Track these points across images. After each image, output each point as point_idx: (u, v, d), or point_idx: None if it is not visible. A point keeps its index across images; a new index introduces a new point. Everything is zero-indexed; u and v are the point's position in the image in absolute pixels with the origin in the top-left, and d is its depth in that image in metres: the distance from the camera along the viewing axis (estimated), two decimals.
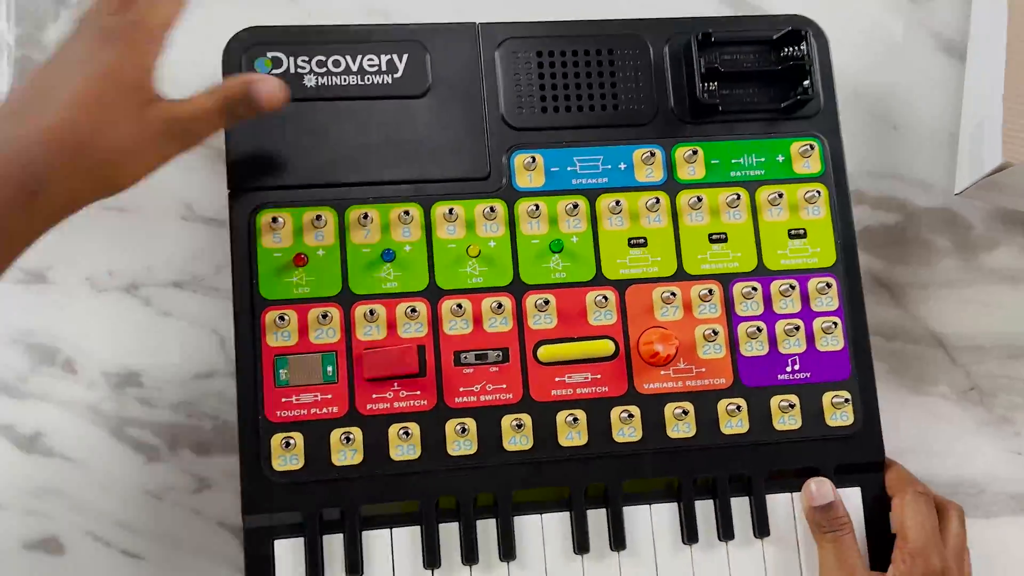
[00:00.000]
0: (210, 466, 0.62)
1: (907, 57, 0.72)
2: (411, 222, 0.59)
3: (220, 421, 0.61)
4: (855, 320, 0.62)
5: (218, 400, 0.62)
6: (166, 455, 0.61)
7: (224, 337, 0.62)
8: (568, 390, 0.59)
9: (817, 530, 0.58)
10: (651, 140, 0.62)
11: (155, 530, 0.61)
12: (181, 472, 0.61)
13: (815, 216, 0.62)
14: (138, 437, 0.62)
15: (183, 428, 0.62)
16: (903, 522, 0.57)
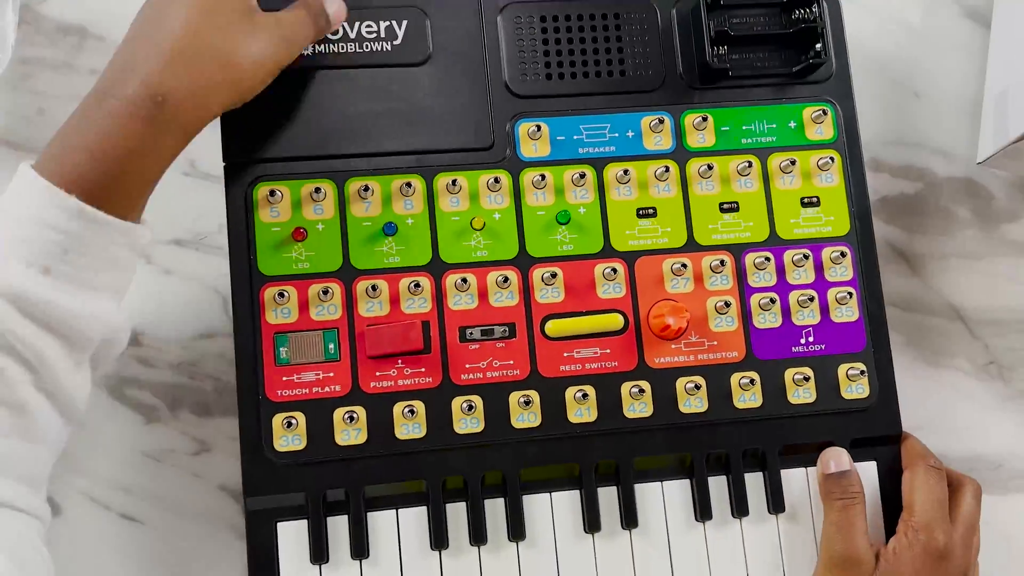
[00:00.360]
0: (211, 428, 0.60)
1: (930, 23, 0.70)
2: (413, 194, 0.57)
3: (222, 382, 0.60)
4: (870, 290, 0.60)
5: (220, 361, 0.60)
6: (166, 416, 0.60)
7: (227, 297, 0.60)
8: (577, 365, 0.57)
9: (827, 497, 0.57)
10: (659, 107, 0.60)
11: (154, 493, 0.60)
12: (181, 434, 0.60)
13: (829, 184, 0.61)
14: (137, 398, 0.60)
15: (184, 389, 0.60)
16: (911, 495, 0.56)
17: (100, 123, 0.48)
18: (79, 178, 0.47)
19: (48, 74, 0.62)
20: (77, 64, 0.64)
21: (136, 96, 0.48)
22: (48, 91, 0.61)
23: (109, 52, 0.50)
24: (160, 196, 0.60)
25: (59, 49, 0.54)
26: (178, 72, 0.48)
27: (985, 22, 0.70)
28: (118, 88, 0.48)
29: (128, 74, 0.48)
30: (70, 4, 0.64)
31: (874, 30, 0.68)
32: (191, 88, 0.49)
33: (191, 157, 0.62)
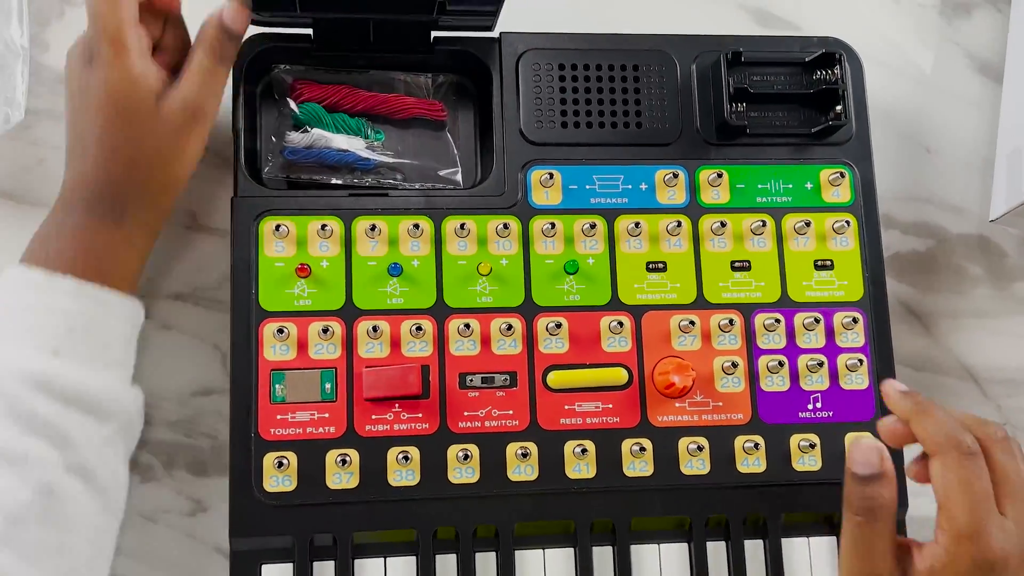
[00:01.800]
0: (207, 488, 0.58)
1: (941, 77, 0.69)
2: (420, 236, 0.57)
3: (219, 441, 0.58)
4: (882, 358, 0.59)
5: (217, 419, 0.59)
6: (161, 475, 0.58)
7: (226, 353, 0.58)
8: (577, 419, 0.56)
9: (847, 507, 0.47)
10: (674, 161, 0.60)
11: (148, 554, 0.57)
12: (176, 494, 0.58)
13: (843, 247, 0.60)
14: (134, 456, 0.58)
15: (180, 447, 0.59)
16: (946, 494, 0.45)
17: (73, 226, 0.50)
18: (68, 264, 0.49)
19: (48, 124, 0.61)
20: None
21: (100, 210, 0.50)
22: (48, 141, 0.61)
23: None
24: (160, 249, 0.60)
25: (60, 99, 0.53)
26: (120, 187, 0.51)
27: (997, 77, 0.69)
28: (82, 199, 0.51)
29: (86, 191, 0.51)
30: None
31: (883, 82, 0.67)
32: (141, 198, 0.51)
33: (191, 210, 0.61)
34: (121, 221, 0.51)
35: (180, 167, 0.53)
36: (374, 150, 0.59)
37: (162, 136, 0.51)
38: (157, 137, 0.51)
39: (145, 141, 0.51)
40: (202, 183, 0.60)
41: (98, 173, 0.51)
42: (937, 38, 0.70)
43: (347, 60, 0.60)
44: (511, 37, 0.60)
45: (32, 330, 0.48)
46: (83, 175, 0.51)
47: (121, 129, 0.50)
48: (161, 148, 0.51)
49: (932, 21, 0.70)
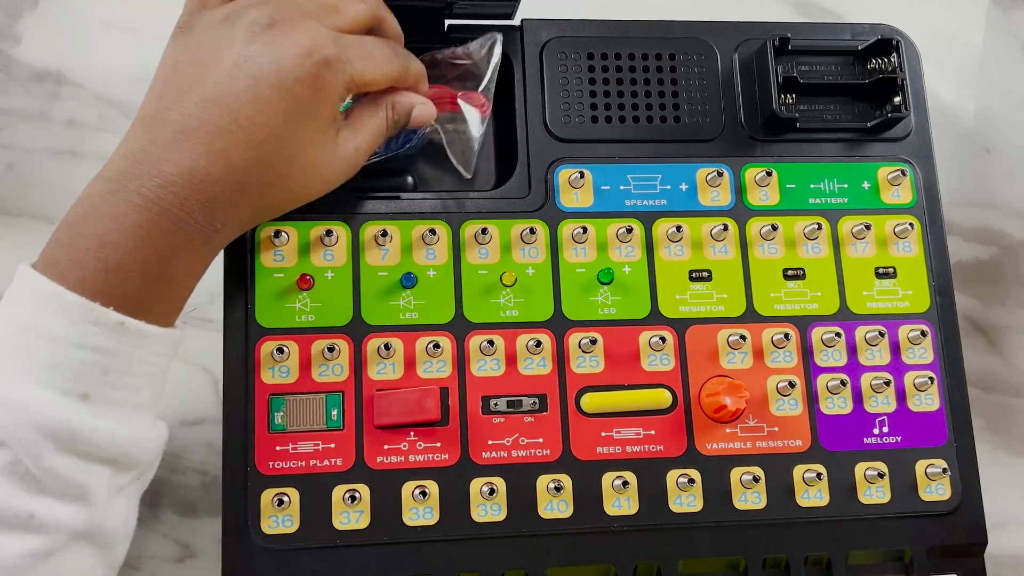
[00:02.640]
0: (196, 530, 0.52)
1: (996, 71, 0.64)
2: (436, 243, 0.51)
3: (209, 477, 0.52)
4: (953, 375, 0.53)
5: (208, 452, 0.53)
6: (146, 517, 0.52)
7: (218, 378, 0.52)
8: (616, 447, 0.49)
9: None
10: (718, 158, 0.54)
11: None
12: (162, 537, 0.52)
13: (906, 253, 0.54)
14: None
15: (166, 484, 0.52)
16: None
17: (133, 230, 0.39)
18: (108, 287, 0.39)
19: (21, 125, 0.55)
20: (52, 114, 0.57)
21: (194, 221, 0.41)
22: (20, 144, 0.55)
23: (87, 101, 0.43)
24: None
25: (33, 97, 0.47)
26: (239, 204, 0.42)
27: None
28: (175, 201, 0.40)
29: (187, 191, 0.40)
30: (47, 47, 0.57)
31: (935, 77, 0.62)
32: (244, 219, 0.43)
33: None
34: (211, 239, 0.42)
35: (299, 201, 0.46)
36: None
37: (325, 168, 0.45)
38: (320, 167, 0.45)
39: (310, 166, 0.44)
40: None
41: (230, 177, 0.41)
42: (992, 29, 0.64)
43: None
44: (534, 24, 0.54)
45: (59, 367, 0.38)
46: (199, 171, 0.40)
47: (295, 143, 0.43)
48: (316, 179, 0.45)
49: (986, 10, 0.65)
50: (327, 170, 0.46)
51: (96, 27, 0.53)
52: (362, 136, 0.47)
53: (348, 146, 0.46)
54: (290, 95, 0.42)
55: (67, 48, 0.57)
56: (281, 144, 0.42)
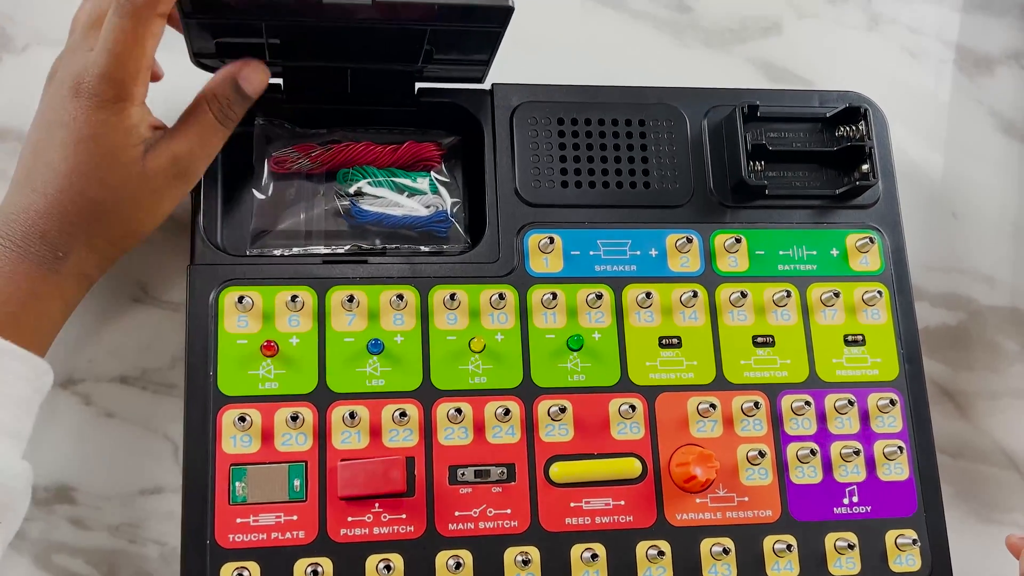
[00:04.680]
0: None
1: (964, 137, 0.65)
2: (404, 308, 0.50)
3: (168, 548, 0.50)
4: (922, 445, 0.52)
5: (168, 522, 0.50)
6: None
7: (179, 445, 0.51)
8: (585, 518, 0.49)
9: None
10: (687, 224, 0.54)
11: None
12: None
13: (875, 320, 0.54)
14: (68, 567, 0.50)
15: (123, 556, 0.50)
16: None
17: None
18: None
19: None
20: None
21: (36, 250, 0.44)
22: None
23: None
24: (104, 326, 0.53)
25: None
26: (72, 230, 0.45)
27: (1022, 137, 0.65)
28: (17, 235, 0.44)
29: (26, 226, 0.45)
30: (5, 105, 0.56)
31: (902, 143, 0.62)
32: (89, 244, 0.46)
33: (141, 280, 0.53)
34: (58, 268, 0.45)
35: (146, 223, 0.48)
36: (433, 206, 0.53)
37: (140, 189, 0.46)
38: (134, 189, 0.46)
39: (120, 190, 0.45)
40: (153, 250, 0.53)
41: (52, 209, 0.45)
42: (958, 94, 0.65)
43: (319, 111, 0.54)
44: (504, 89, 0.54)
45: None
46: (30, 207, 0.45)
47: (97, 172, 0.45)
48: (135, 200, 0.46)
49: (953, 78, 0.65)
50: (142, 185, 0.46)
51: None
52: (180, 142, 0.46)
53: (160, 158, 0.46)
54: (74, 130, 0.44)
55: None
56: (84, 172, 0.44)
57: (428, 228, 0.53)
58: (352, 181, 0.53)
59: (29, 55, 0.57)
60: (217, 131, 0.47)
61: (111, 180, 0.45)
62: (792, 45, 0.64)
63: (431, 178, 0.54)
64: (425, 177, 0.54)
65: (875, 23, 0.66)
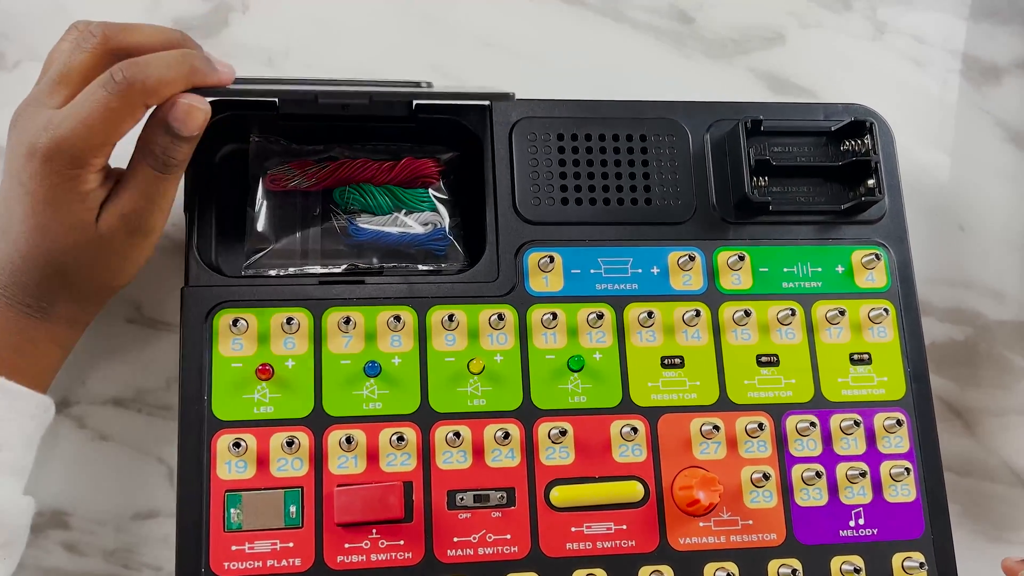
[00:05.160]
0: None
1: (970, 148, 0.64)
2: (402, 329, 0.49)
3: (164, 573, 0.50)
4: (929, 465, 0.52)
5: (163, 547, 0.50)
6: None
7: (173, 468, 0.50)
8: (587, 543, 0.48)
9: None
10: (689, 241, 0.53)
11: None
12: None
13: (881, 339, 0.53)
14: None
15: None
16: None
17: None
18: None
19: None
20: None
21: (21, 299, 0.44)
22: None
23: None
24: (98, 347, 0.52)
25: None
26: (47, 282, 0.45)
27: None
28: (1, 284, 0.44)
29: (9, 276, 0.44)
30: None
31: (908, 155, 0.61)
32: (68, 295, 0.46)
33: (136, 300, 0.53)
34: (46, 316, 0.45)
35: (117, 277, 0.47)
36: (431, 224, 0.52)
37: (99, 251, 0.45)
38: (93, 252, 0.45)
39: (81, 253, 0.44)
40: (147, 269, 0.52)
41: (27, 264, 0.44)
42: (965, 106, 0.64)
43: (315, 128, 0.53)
44: (503, 104, 0.53)
45: None
46: (9, 260, 0.44)
47: (55, 236, 0.44)
48: (97, 262, 0.45)
49: (959, 87, 0.64)
50: (101, 247, 0.44)
51: None
52: (126, 200, 0.44)
53: (111, 218, 0.44)
54: (30, 194, 0.43)
55: None
56: (44, 235, 0.43)
57: (426, 246, 0.52)
58: (349, 199, 0.52)
59: (21, 71, 0.56)
60: (160, 181, 0.45)
61: (68, 244, 0.44)
62: (795, 55, 0.63)
63: (429, 195, 0.53)
64: (423, 194, 0.53)
65: (880, 32, 0.65)
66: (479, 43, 0.60)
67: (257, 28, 0.59)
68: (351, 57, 0.59)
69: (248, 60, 0.58)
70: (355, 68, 0.59)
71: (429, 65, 0.60)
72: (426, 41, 0.60)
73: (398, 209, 0.52)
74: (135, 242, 0.45)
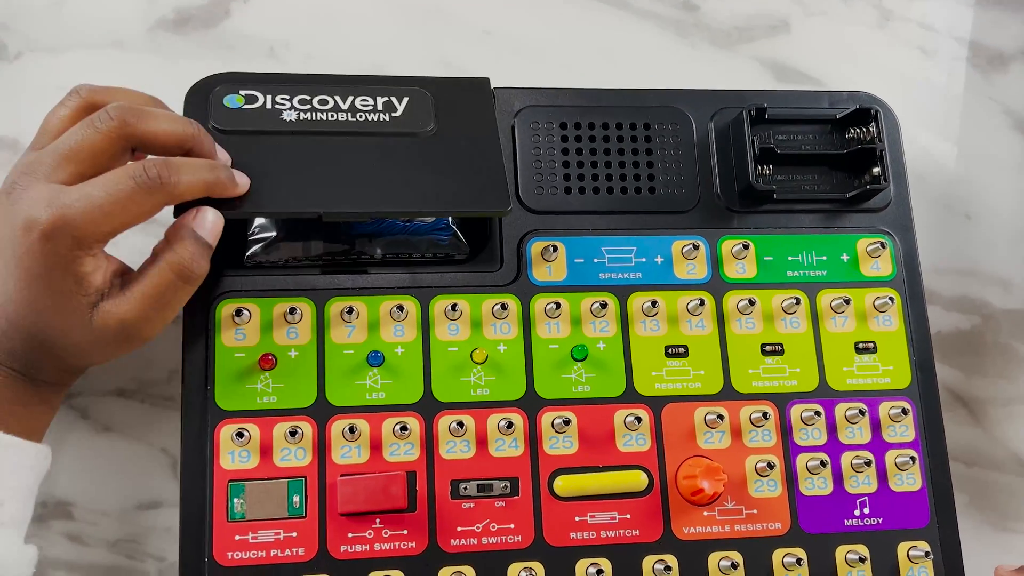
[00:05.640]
0: None
1: (977, 136, 0.63)
2: (405, 319, 0.49)
3: (167, 564, 0.50)
4: (935, 454, 0.51)
5: (166, 537, 0.50)
6: None
7: (177, 459, 0.50)
8: (590, 532, 0.48)
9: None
10: (693, 230, 0.52)
11: None
12: None
13: (887, 327, 0.52)
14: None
15: (122, 572, 0.50)
16: None
17: None
18: None
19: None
20: None
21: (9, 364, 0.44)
22: None
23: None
24: None
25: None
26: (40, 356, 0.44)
27: None
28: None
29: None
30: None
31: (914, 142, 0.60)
32: (57, 366, 0.45)
33: None
34: (35, 379, 0.45)
35: (104, 360, 0.46)
36: None
37: (85, 340, 0.43)
38: (79, 338, 0.43)
39: (68, 335, 0.43)
40: None
41: (13, 331, 0.43)
42: (971, 94, 0.64)
43: None
44: (506, 93, 0.53)
45: None
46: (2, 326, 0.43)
47: (44, 314, 0.42)
48: (82, 348, 0.44)
49: (965, 76, 0.64)
50: (88, 337, 0.43)
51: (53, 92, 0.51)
52: (134, 308, 0.43)
53: (109, 320, 0.42)
54: (23, 269, 0.41)
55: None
56: (34, 310, 0.42)
57: (429, 236, 0.52)
58: None
59: (22, 63, 0.56)
60: (180, 291, 0.44)
61: (57, 327, 0.42)
62: (801, 43, 0.63)
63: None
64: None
65: (886, 20, 0.65)
66: (481, 32, 0.60)
67: (258, 18, 0.59)
68: (353, 47, 0.59)
69: (249, 51, 0.58)
70: (357, 59, 0.59)
71: (430, 54, 0.60)
72: (427, 30, 0.60)
73: None
74: (126, 346, 0.44)
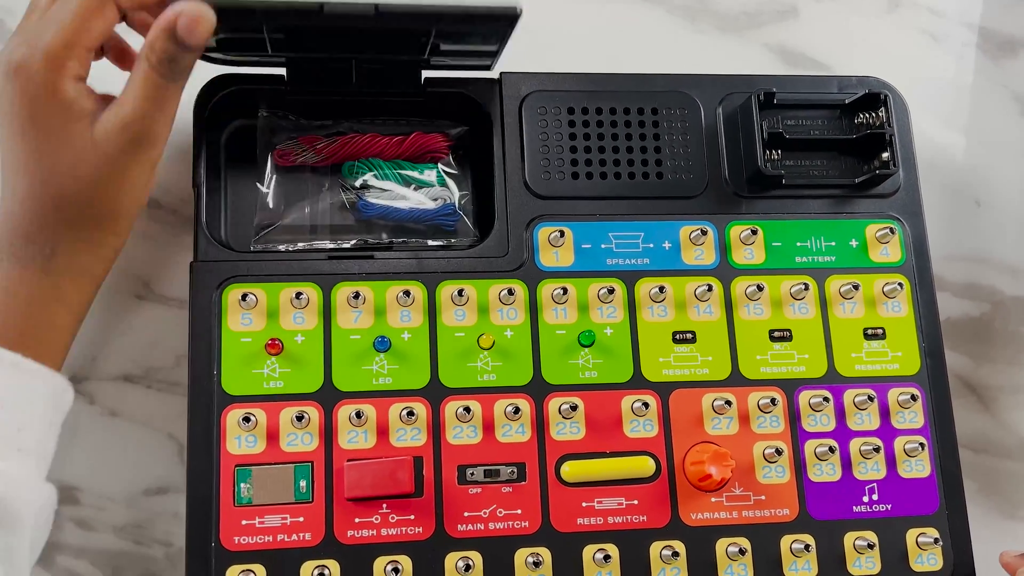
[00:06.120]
0: None
1: (987, 122, 0.63)
2: (411, 304, 0.49)
3: (174, 548, 0.50)
4: (944, 441, 0.51)
5: (173, 522, 0.50)
6: None
7: (184, 444, 0.50)
8: (598, 518, 0.48)
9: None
10: (702, 215, 0.52)
11: None
12: None
13: (895, 313, 0.52)
14: (72, 568, 0.49)
15: (129, 557, 0.50)
16: None
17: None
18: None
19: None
20: None
21: (22, 253, 0.43)
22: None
23: None
24: (106, 323, 0.52)
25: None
26: (56, 226, 0.43)
27: None
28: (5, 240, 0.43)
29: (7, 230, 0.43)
30: None
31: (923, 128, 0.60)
32: (74, 239, 0.43)
33: (144, 276, 0.53)
34: (49, 268, 0.43)
35: (122, 200, 0.44)
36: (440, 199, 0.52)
37: (97, 163, 0.42)
38: (91, 165, 0.42)
39: (77, 169, 0.42)
40: (156, 245, 0.52)
41: (25, 208, 0.43)
42: (981, 80, 0.63)
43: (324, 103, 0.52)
44: (513, 78, 0.53)
45: None
46: (9, 213, 0.43)
47: (47, 159, 0.42)
48: (97, 177, 0.42)
49: (975, 62, 0.64)
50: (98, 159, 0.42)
51: None
52: (126, 105, 0.42)
53: (108, 125, 0.42)
54: (15, 117, 0.42)
55: None
56: (37, 162, 0.42)
57: (436, 221, 0.52)
58: (358, 174, 0.51)
59: None
60: (163, 88, 0.42)
61: (63, 163, 0.42)
62: (809, 29, 0.63)
63: (438, 170, 0.52)
64: (432, 169, 0.52)
65: (895, 5, 0.64)
66: None
67: None
68: None
69: None
70: None
71: None
72: None
73: (407, 184, 0.52)
74: (137, 155, 0.43)
